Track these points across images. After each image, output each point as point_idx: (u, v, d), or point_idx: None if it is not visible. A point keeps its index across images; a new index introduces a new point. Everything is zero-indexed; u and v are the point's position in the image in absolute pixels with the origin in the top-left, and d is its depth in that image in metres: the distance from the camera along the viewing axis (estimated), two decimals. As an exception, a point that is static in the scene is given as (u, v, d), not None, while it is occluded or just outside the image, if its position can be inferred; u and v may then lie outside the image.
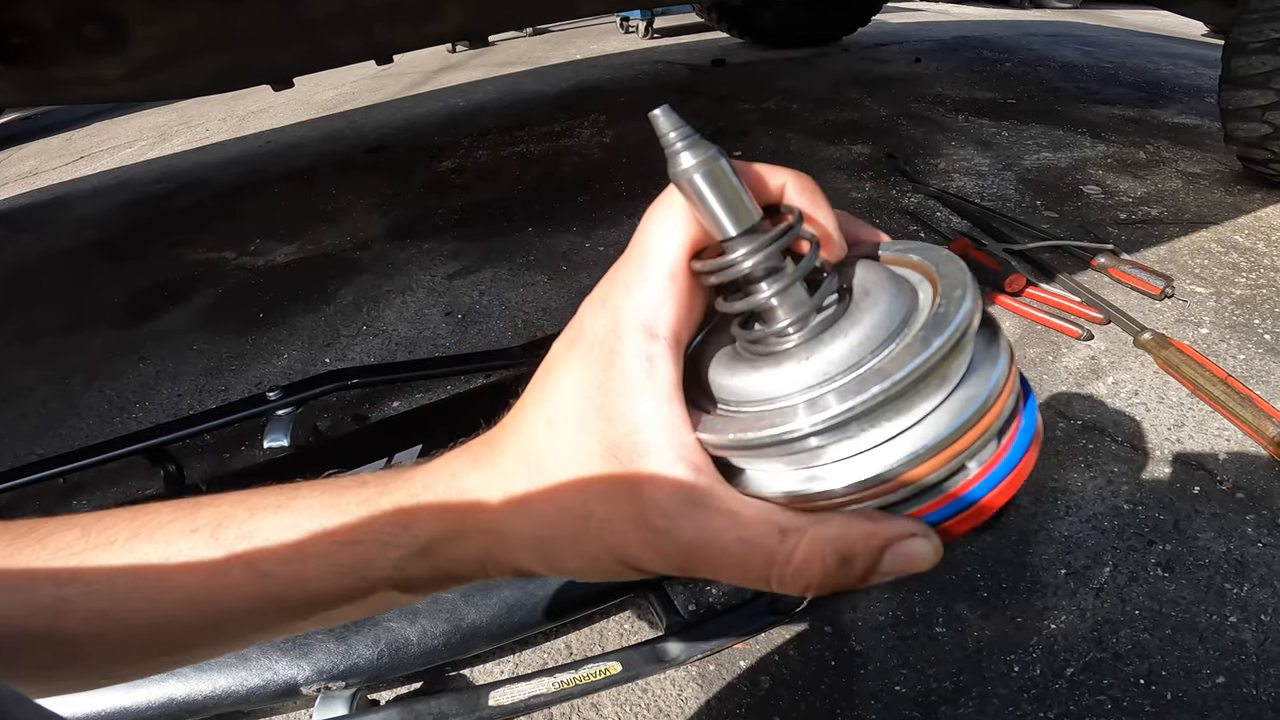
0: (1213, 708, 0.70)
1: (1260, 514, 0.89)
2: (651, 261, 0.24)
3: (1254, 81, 1.51)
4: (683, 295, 0.24)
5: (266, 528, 0.27)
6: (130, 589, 0.27)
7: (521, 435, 0.26)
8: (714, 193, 0.22)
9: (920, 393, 0.21)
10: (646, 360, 0.23)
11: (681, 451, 0.23)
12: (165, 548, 0.27)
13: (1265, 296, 1.31)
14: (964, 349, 0.22)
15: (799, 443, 0.21)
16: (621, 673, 0.72)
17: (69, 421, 1.29)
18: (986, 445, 0.22)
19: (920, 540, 0.22)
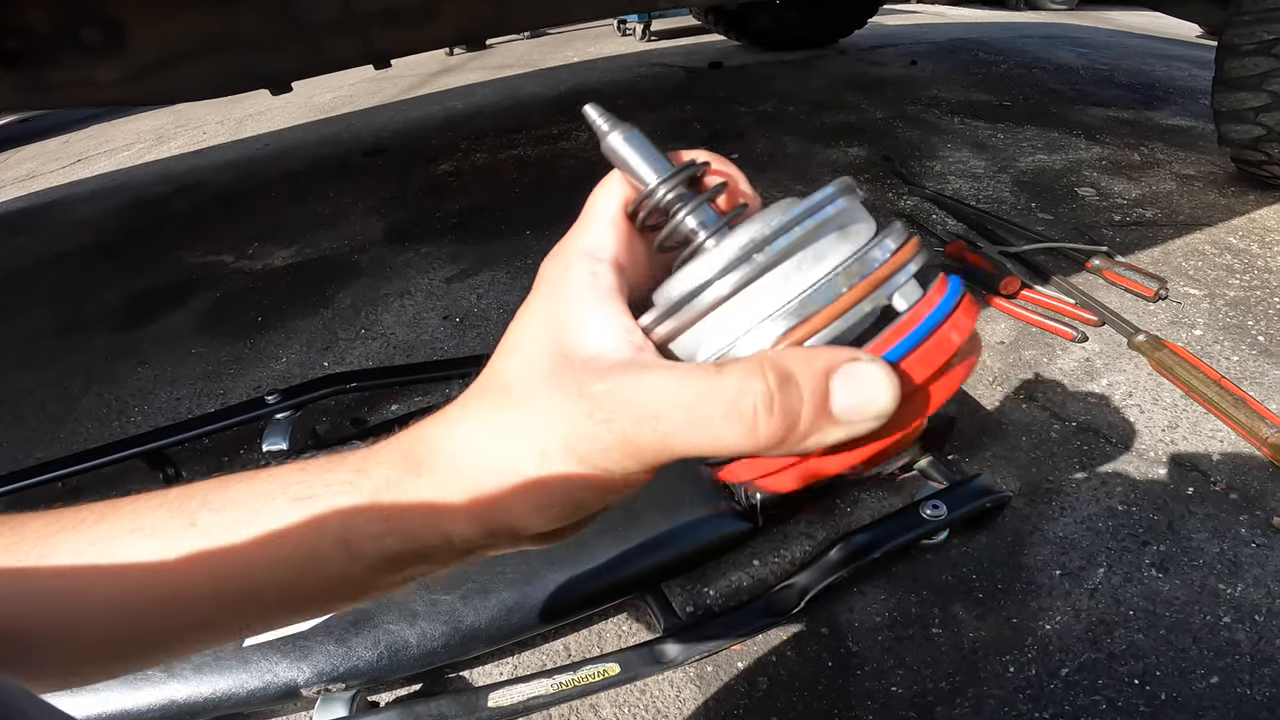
0: (1207, 708, 0.70)
1: (1254, 514, 0.90)
2: (594, 214, 0.27)
3: (1247, 83, 1.52)
4: (622, 234, 0.27)
5: (229, 493, 0.27)
6: (93, 566, 0.27)
7: (483, 375, 0.26)
8: (633, 152, 0.27)
9: (819, 248, 0.24)
10: (590, 275, 0.25)
11: (622, 334, 0.24)
12: (128, 521, 0.27)
13: (1259, 298, 1.31)
14: (842, 208, 0.25)
15: (713, 288, 0.23)
16: (620, 674, 0.72)
17: (67, 425, 1.29)
18: (907, 284, 0.25)
19: (866, 363, 0.21)
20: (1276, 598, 0.80)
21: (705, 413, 0.21)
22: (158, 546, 0.26)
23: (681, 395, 0.22)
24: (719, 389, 0.21)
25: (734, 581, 0.87)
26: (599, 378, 0.23)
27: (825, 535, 0.91)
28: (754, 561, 0.89)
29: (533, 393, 0.24)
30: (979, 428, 1.06)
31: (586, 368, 0.23)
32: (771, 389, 0.21)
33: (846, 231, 0.25)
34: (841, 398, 0.21)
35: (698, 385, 0.22)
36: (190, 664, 0.72)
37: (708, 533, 0.82)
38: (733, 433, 0.21)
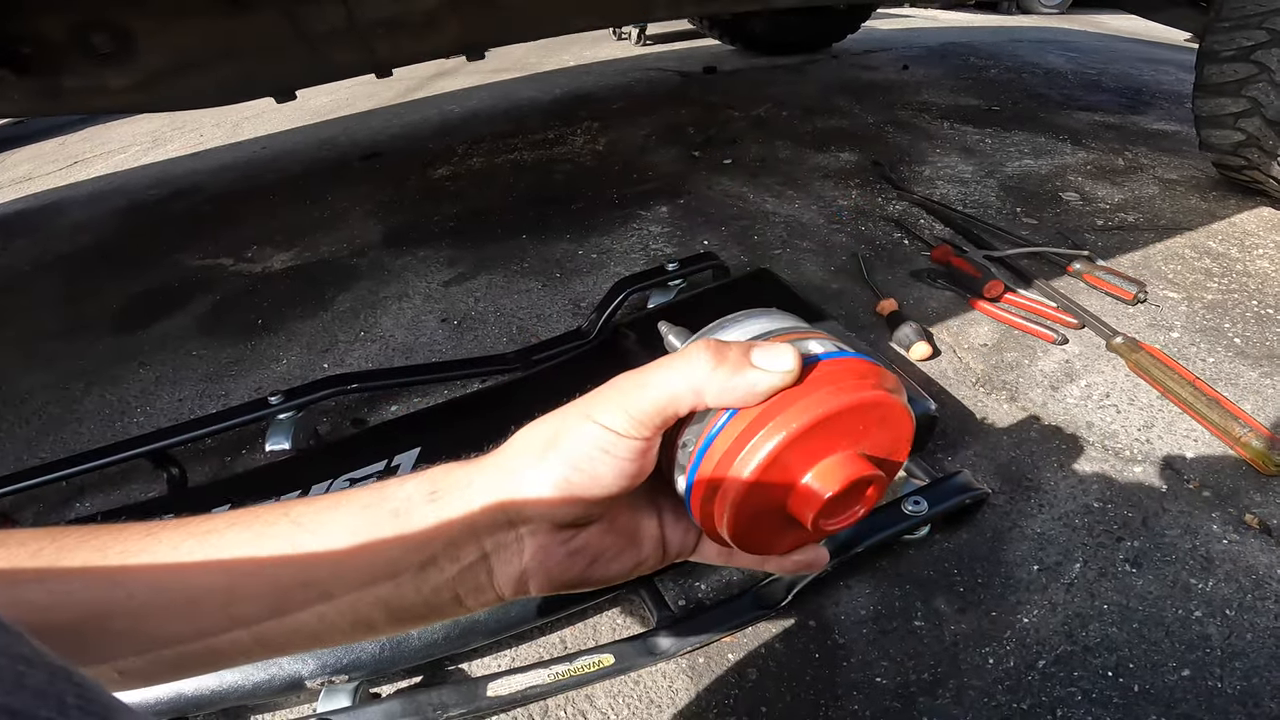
0: (1179, 700, 0.73)
1: (1226, 512, 0.93)
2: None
3: (1226, 89, 1.55)
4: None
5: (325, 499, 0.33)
6: (192, 555, 0.31)
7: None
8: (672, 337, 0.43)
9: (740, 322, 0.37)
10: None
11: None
12: (228, 517, 0.33)
13: (1236, 301, 1.35)
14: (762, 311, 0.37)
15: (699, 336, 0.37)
16: (614, 665, 0.74)
17: (70, 426, 1.31)
18: (821, 341, 0.34)
19: (777, 342, 0.32)
20: (1248, 593, 0.83)
21: (668, 363, 0.32)
22: (251, 535, 0.32)
23: (657, 361, 0.32)
24: (678, 354, 0.32)
25: (724, 576, 0.90)
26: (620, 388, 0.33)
27: (813, 532, 0.94)
28: (744, 557, 0.91)
29: (573, 404, 0.33)
30: (960, 427, 1.09)
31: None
32: (709, 345, 0.31)
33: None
34: (758, 354, 0.31)
35: (667, 357, 0.32)
36: (200, 655, 0.74)
37: (699, 529, 0.84)
38: (682, 365, 0.31)
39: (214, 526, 0.32)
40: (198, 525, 0.32)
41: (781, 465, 0.30)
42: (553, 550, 0.33)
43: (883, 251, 1.62)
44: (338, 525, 0.32)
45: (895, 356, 1.25)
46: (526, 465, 0.32)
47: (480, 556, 0.33)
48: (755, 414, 0.30)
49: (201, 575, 0.31)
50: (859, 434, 0.32)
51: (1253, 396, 1.11)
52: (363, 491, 0.33)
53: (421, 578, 0.32)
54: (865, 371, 0.32)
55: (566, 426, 0.32)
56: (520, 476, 0.32)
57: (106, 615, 0.30)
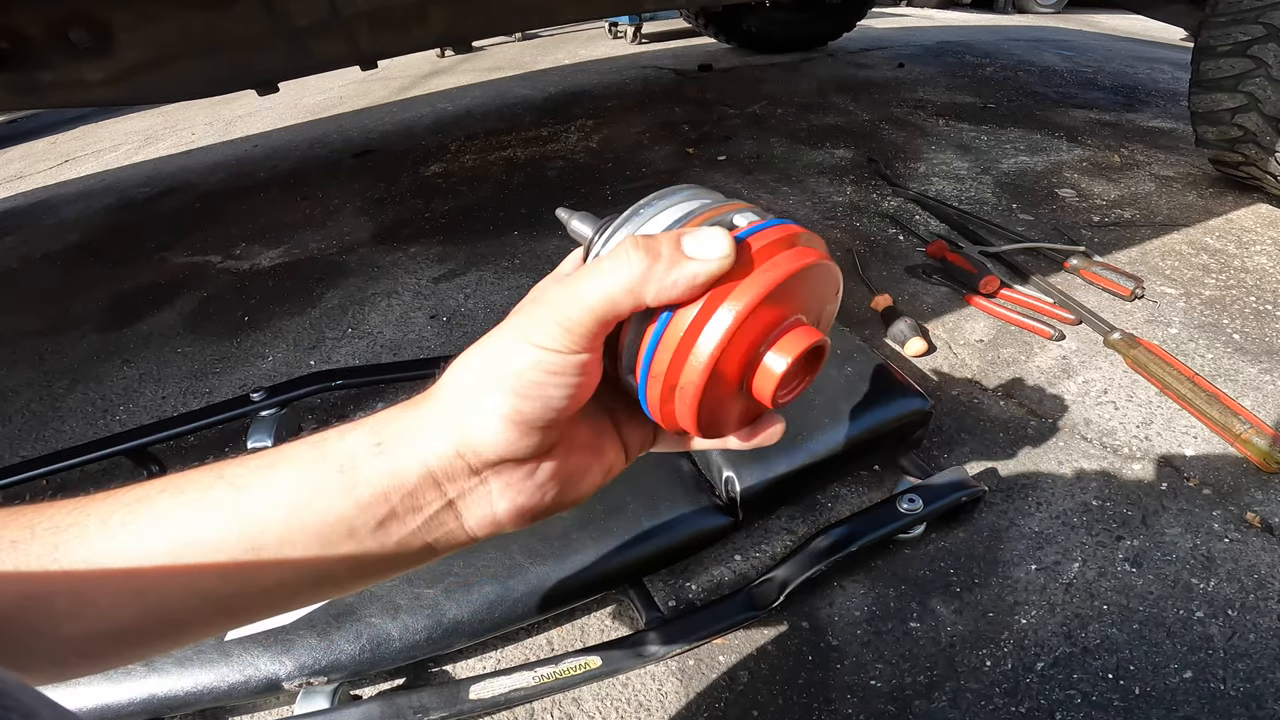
0: (1180, 702, 0.71)
1: (1227, 510, 0.91)
2: (563, 265, 0.40)
3: (1223, 85, 1.54)
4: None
5: (251, 460, 0.31)
6: (121, 528, 0.29)
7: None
8: (581, 225, 0.38)
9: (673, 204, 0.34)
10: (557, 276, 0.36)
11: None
12: (159, 483, 0.30)
13: (1234, 297, 1.33)
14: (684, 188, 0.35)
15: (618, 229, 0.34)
16: (601, 667, 0.73)
17: (52, 424, 1.28)
18: (745, 212, 0.33)
19: (706, 226, 0.30)
20: (1249, 593, 0.81)
21: (598, 268, 0.29)
22: (185, 501, 0.30)
23: (584, 267, 0.30)
24: (606, 256, 0.30)
25: (715, 576, 0.88)
26: (539, 295, 0.31)
27: (804, 530, 0.92)
28: (735, 556, 0.90)
29: (497, 331, 0.31)
30: (956, 424, 1.07)
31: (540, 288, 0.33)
32: (639, 242, 0.29)
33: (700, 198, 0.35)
34: (690, 244, 0.29)
35: (593, 261, 0.32)
36: (171, 657, 0.72)
37: (689, 527, 0.83)
38: (614, 268, 0.29)
39: (144, 494, 0.30)
40: (126, 494, 0.30)
41: (734, 350, 0.30)
42: (520, 485, 0.32)
43: (877, 247, 1.60)
44: (279, 487, 0.30)
45: (890, 352, 1.24)
46: (473, 404, 0.30)
47: (445, 504, 0.31)
48: (700, 305, 0.30)
49: (136, 546, 0.29)
50: (797, 300, 0.32)
51: (1252, 393, 1.09)
52: (300, 446, 0.31)
53: (383, 533, 0.31)
54: (791, 237, 0.32)
55: (504, 354, 0.30)
56: (470, 418, 0.30)
57: (46, 597, 0.28)
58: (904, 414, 0.92)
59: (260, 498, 0.29)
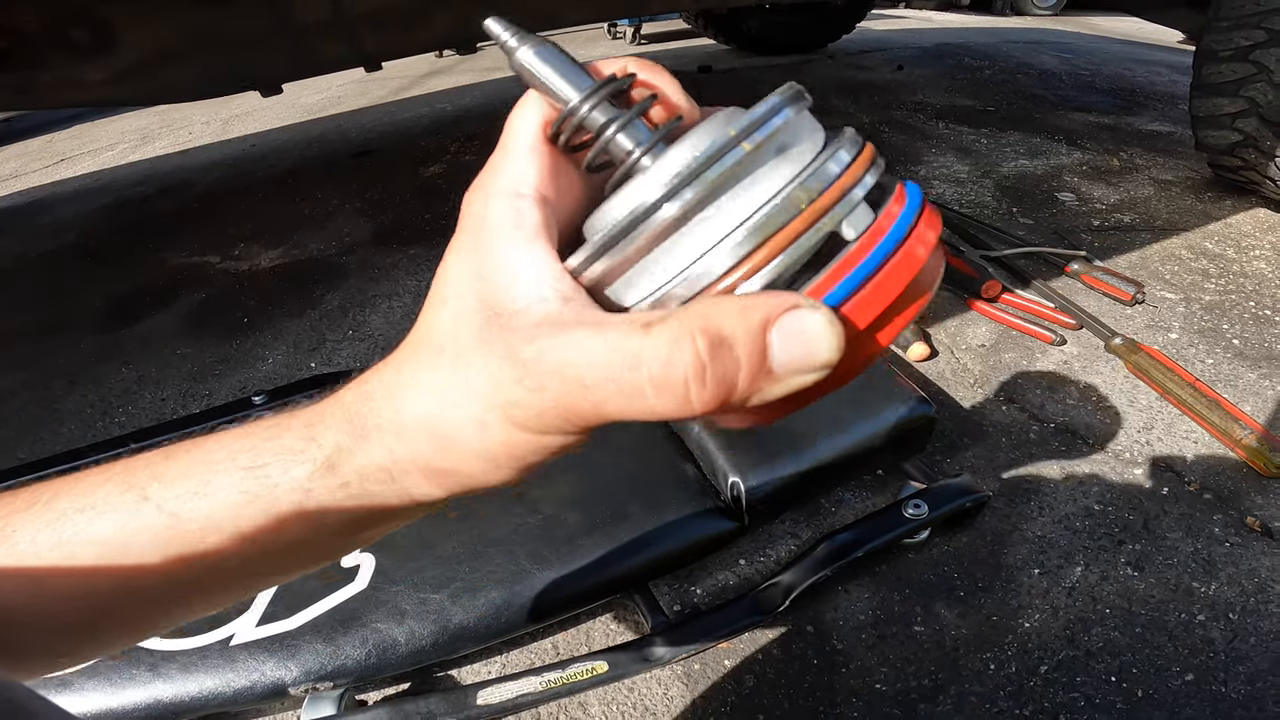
0: (1183, 705, 0.72)
1: (1228, 514, 0.92)
2: (512, 140, 0.25)
3: (1224, 89, 1.55)
4: (543, 162, 0.25)
5: (177, 464, 0.26)
6: (49, 548, 0.26)
7: (416, 328, 0.25)
8: (548, 68, 0.24)
9: (759, 169, 0.22)
10: (513, 213, 0.24)
11: (550, 283, 0.22)
12: (81, 499, 0.26)
13: (1234, 302, 1.34)
14: (787, 121, 0.22)
15: (646, 223, 0.21)
16: (608, 672, 0.73)
17: (50, 426, 1.28)
18: (855, 210, 0.22)
19: (807, 310, 0.20)
20: (1250, 596, 0.81)
21: (635, 384, 0.20)
22: (111, 524, 0.26)
23: (609, 363, 0.20)
24: (647, 357, 0.20)
25: (720, 580, 0.88)
26: (526, 339, 0.21)
27: (810, 535, 0.93)
28: (740, 560, 0.90)
29: (463, 354, 0.23)
30: (959, 429, 1.08)
31: (514, 325, 0.22)
32: (703, 358, 0.19)
33: (792, 149, 0.23)
34: (780, 353, 0.20)
35: (624, 351, 0.20)
36: (176, 662, 0.72)
37: (694, 532, 0.83)
38: (664, 404, 0.20)
39: (59, 512, 0.26)
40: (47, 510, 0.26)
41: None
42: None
43: (879, 251, 1.60)
44: (222, 515, 0.25)
45: (893, 357, 1.24)
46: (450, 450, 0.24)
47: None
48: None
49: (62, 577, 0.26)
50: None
51: (1252, 398, 1.10)
52: (227, 464, 0.26)
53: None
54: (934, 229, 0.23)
55: (460, 421, 0.23)
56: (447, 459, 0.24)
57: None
58: (907, 419, 0.92)
59: (202, 527, 0.26)
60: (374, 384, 0.25)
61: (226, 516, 0.25)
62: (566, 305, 0.22)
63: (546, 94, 0.25)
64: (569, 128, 0.24)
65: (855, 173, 0.23)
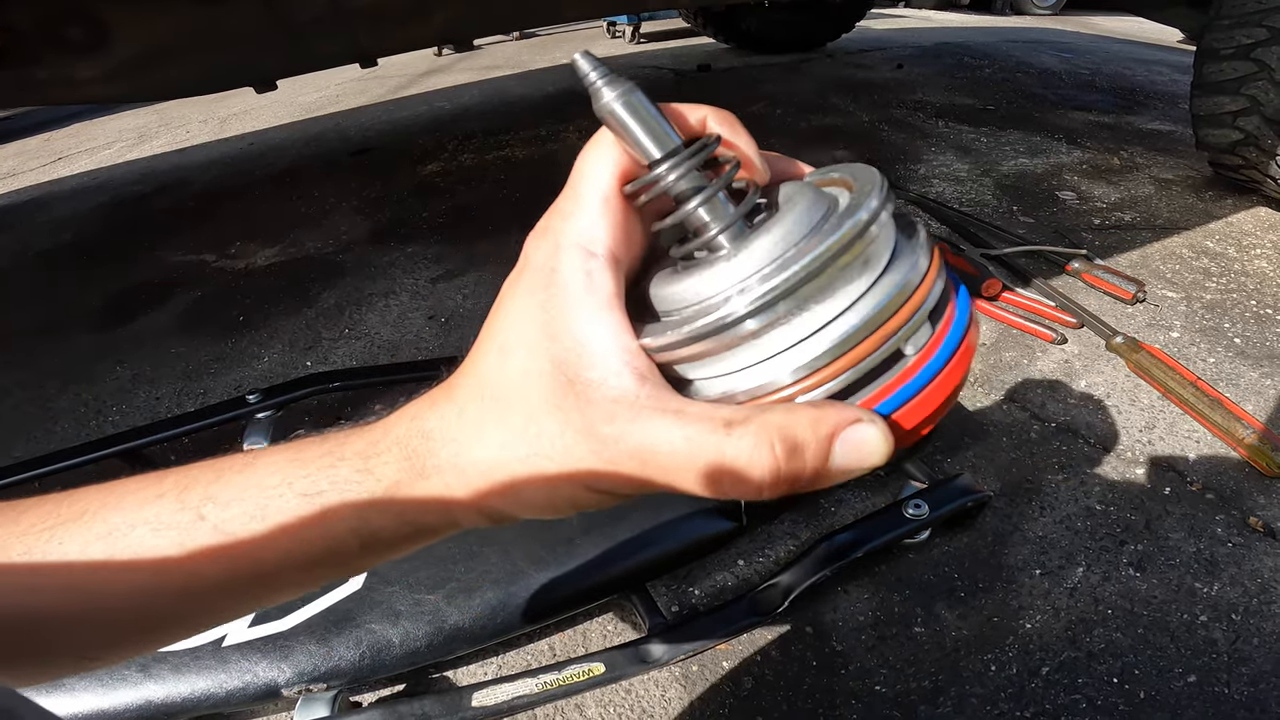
0: (1185, 706, 0.71)
1: (1230, 514, 0.91)
2: (585, 189, 0.25)
3: (1225, 87, 1.54)
4: (617, 217, 0.25)
5: (231, 487, 0.27)
6: (103, 560, 0.26)
7: (476, 368, 0.26)
8: (634, 120, 0.24)
9: (844, 277, 0.23)
10: (585, 275, 0.24)
11: (625, 358, 0.23)
12: (133, 514, 0.27)
13: (1235, 301, 1.33)
14: (876, 234, 0.23)
15: (732, 330, 0.23)
16: (605, 674, 0.72)
17: (44, 425, 1.27)
18: (919, 328, 0.24)
19: (867, 426, 0.22)
20: (1253, 597, 0.81)
21: (714, 476, 0.22)
22: (168, 541, 0.26)
23: (690, 456, 0.22)
24: (728, 457, 0.22)
25: (719, 581, 0.87)
26: (605, 418, 0.23)
27: (809, 535, 0.92)
28: (739, 561, 0.89)
29: (535, 417, 0.24)
30: (960, 428, 1.07)
31: (590, 398, 0.23)
32: (780, 463, 0.22)
33: (874, 257, 0.24)
34: (840, 457, 0.22)
35: (706, 447, 0.22)
36: (168, 663, 0.71)
37: (692, 532, 0.82)
38: (736, 493, 0.23)
39: (113, 526, 0.27)
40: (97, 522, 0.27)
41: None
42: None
43: (878, 250, 1.60)
44: (279, 537, 0.26)
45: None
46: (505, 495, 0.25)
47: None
48: None
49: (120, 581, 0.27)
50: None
51: (1254, 397, 1.09)
52: (284, 489, 0.27)
53: (400, 554, 0.29)
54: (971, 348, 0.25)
55: (530, 477, 0.24)
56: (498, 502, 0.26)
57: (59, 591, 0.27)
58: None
59: (258, 546, 0.27)
60: (432, 422, 0.26)
61: (283, 539, 0.26)
62: (643, 386, 0.23)
63: (630, 145, 0.24)
64: (653, 192, 0.24)
65: (925, 289, 0.24)
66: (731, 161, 0.25)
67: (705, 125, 0.26)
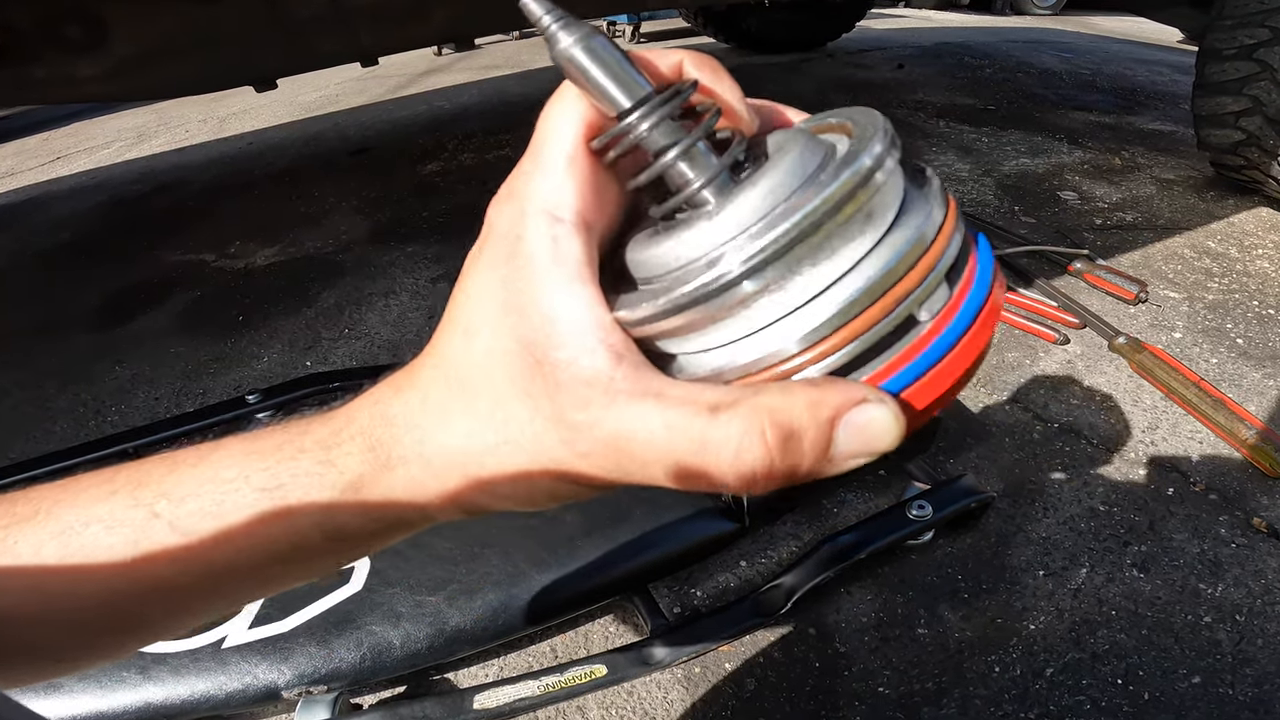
0: (1190, 707, 0.71)
1: (1234, 515, 0.91)
2: (548, 147, 0.22)
3: (1227, 87, 1.54)
4: (584, 176, 0.22)
5: (186, 482, 0.25)
6: (58, 561, 0.25)
7: (439, 350, 0.24)
8: (596, 66, 0.21)
9: (845, 233, 0.20)
10: (551, 242, 0.21)
11: (599, 334, 0.21)
12: (85, 511, 0.25)
13: (1237, 301, 1.33)
14: (881, 183, 0.20)
15: (719, 298, 0.20)
16: (607, 675, 0.72)
17: (42, 425, 1.27)
18: (935, 289, 0.21)
19: (874, 405, 0.19)
20: (1257, 598, 0.81)
21: (698, 466, 0.20)
22: (122, 540, 0.25)
23: (670, 441, 0.20)
24: (715, 444, 0.19)
25: (721, 582, 0.87)
26: (577, 404, 0.20)
27: (812, 536, 0.91)
28: (741, 562, 0.89)
29: (502, 402, 0.22)
30: (963, 429, 1.07)
31: (560, 380, 0.21)
32: (772, 452, 0.19)
33: (879, 211, 0.21)
34: (844, 444, 0.20)
35: (688, 434, 0.20)
36: (167, 665, 0.71)
37: (695, 533, 0.82)
38: (725, 486, 0.20)
39: (66, 525, 0.25)
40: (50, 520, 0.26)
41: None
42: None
43: (880, 249, 1.60)
44: (238, 534, 0.25)
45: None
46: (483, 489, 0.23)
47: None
48: None
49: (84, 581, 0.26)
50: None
51: (1256, 398, 1.09)
52: (240, 484, 0.25)
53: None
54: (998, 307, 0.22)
55: (499, 466, 0.22)
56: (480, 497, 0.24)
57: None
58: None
59: (219, 546, 0.25)
60: (396, 408, 0.24)
61: (243, 535, 0.25)
62: (619, 366, 0.21)
63: (594, 96, 0.21)
64: (622, 145, 0.21)
65: (940, 245, 0.21)
66: (711, 110, 0.22)
67: (680, 71, 0.23)
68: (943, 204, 0.22)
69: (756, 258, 0.19)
